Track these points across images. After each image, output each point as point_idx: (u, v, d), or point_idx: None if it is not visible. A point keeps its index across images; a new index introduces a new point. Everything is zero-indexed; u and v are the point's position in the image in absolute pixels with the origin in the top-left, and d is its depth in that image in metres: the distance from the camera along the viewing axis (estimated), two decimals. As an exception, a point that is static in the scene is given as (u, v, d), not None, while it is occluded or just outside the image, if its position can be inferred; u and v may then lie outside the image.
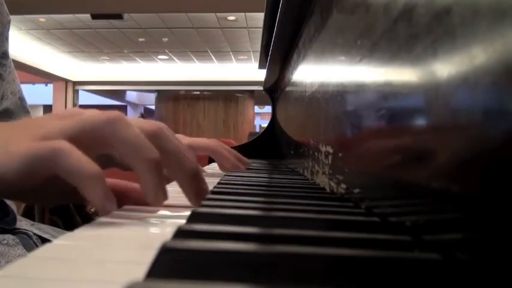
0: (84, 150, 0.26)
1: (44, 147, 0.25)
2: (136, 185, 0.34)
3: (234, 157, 0.68)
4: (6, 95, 0.61)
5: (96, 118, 0.27)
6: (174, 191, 0.45)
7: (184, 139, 0.58)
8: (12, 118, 0.60)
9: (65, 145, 0.25)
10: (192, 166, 0.30)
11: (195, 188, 0.31)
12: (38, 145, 0.25)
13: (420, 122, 0.23)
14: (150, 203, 0.28)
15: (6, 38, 0.63)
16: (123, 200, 0.31)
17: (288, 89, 0.95)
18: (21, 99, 0.64)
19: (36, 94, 11.29)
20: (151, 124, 0.30)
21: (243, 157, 0.71)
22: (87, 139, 0.27)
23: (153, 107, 11.23)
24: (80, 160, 0.25)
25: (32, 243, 0.52)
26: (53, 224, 0.87)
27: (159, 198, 0.28)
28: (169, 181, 0.32)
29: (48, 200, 0.34)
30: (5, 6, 0.62)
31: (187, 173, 0.30)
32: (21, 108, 0.63)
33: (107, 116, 0.27)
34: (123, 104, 12.92)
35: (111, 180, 0.32)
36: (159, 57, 8.39)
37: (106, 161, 0.28)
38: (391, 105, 0.27)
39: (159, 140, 0.29)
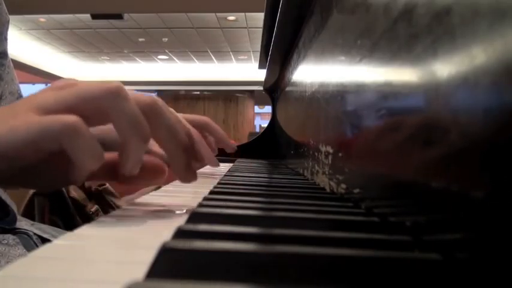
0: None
1: (55, 121, 0.24)
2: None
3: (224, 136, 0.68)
4: (5, 95, 0.61)
5: (95, 88, 0.27)
6: (174, 191, 0.45)
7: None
8: None
9: (77, 122, 0.25)
10: (183, 139, 0.30)
11: (183, 162, 0.30)
12: (47, 119, 0.25)
13: (420, 122, 0.23)
14: (125, 172, 0.28)
15: (5, 38, 0.62)
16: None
17: (288, 89, 0.95)
18: (20, 98, 0.64)
19: (36, 94, 11.26)
20: (146, 98, 0.29)
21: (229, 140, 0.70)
22: (85, 110, 0.26)
23: (153, 107, 11.21)
24: (93, 143, 0.25)
25: (32, 243, 0.52)
26: (53, 224, 0.87)
27: (132, 171, 0.28)
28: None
29: (40, 183, 0.33)
30: (4, 5, 0.61)
31: (178, 146, 0.30)
32: None
33: (107, 86, 0.27)
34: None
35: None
36: (159, 57, 8.38)
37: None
38: (391, 105, 0.27)
39: (153, 113, 0.29)
